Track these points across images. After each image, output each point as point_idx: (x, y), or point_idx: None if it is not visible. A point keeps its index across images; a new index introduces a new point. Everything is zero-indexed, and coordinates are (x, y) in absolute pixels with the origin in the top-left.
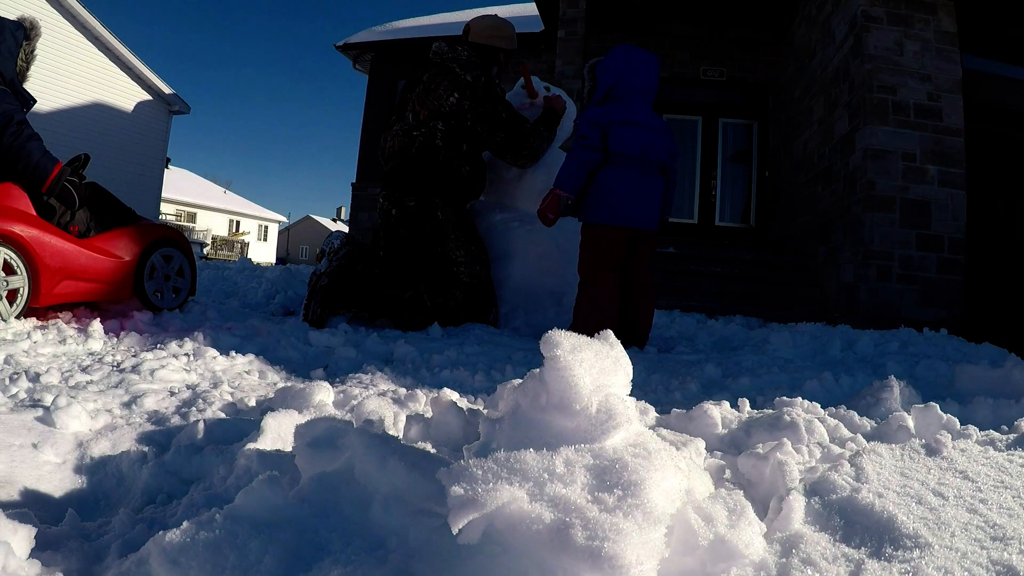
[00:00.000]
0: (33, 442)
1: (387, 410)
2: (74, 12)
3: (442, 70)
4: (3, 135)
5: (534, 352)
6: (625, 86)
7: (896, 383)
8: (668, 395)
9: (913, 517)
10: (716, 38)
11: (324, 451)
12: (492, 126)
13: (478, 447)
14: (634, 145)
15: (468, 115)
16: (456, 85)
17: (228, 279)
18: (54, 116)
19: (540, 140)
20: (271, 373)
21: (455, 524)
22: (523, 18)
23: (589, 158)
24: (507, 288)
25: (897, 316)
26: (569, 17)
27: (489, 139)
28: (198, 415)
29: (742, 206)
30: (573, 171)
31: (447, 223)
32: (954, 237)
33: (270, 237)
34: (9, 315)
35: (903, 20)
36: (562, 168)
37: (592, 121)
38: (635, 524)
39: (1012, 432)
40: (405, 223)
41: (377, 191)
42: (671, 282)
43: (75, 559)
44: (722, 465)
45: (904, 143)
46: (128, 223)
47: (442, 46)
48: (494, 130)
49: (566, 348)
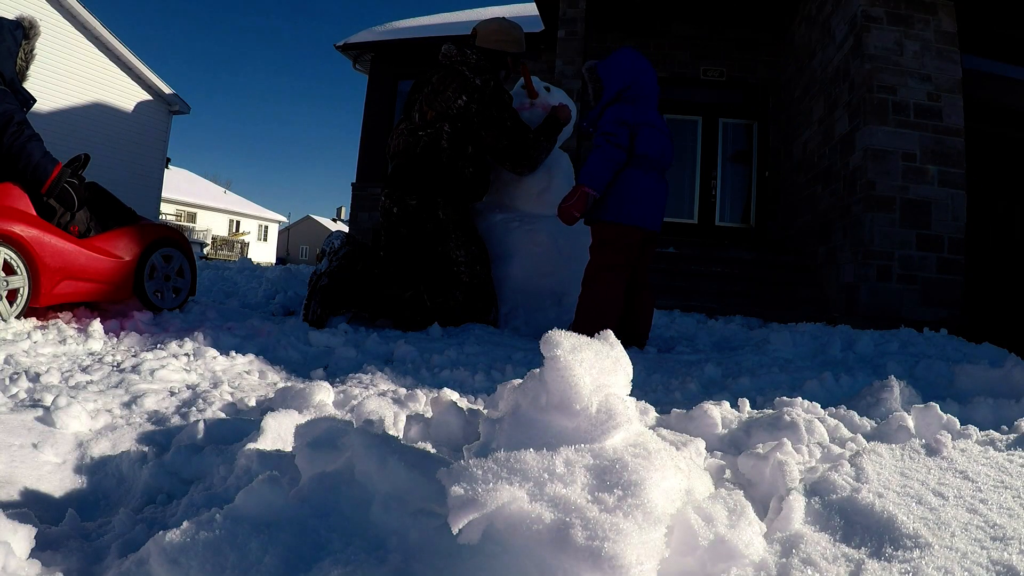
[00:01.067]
0: (33, 442)
1: (387, 410)
2: (74, 12)
3: (452, 72)
4: (3, 135)
5: (534, 352)
6: (639, 88)
7: (896, 383)
8: (668, 395)
9: (913, 517)
10: (716, 38)
11: (324, 451)
12: (497, 132)
13: (478, 447)
14: (655, 148)
15: (475, 118)
16: (465, 88)
17: (228, 279)
18: (54, 116)
19: (540, 152)
20: (271, 373)
21: (455, 524)
22: (523, 18)
23: (618, 157)
24: (507, 288)
25: (897, 316)
26: (569, 17)
27: (493, 144)
28: (198, 415)
29: (742, 206)
30: (602, 169)
31: (448, 223)
32: (954, 237)
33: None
34: (9, 315)
35: (903, 20)
36: (589, 165)
37: (621, 120)
38: (635, 524)
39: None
40: (406, 222)
41: (378, 191)
42: (671, 282)
43: (75, 559)
44: (722, 465)
45: (904, 143)
46: (128, 223)
47: (451, 48)
48: (499, 136)
49: (566, 348)
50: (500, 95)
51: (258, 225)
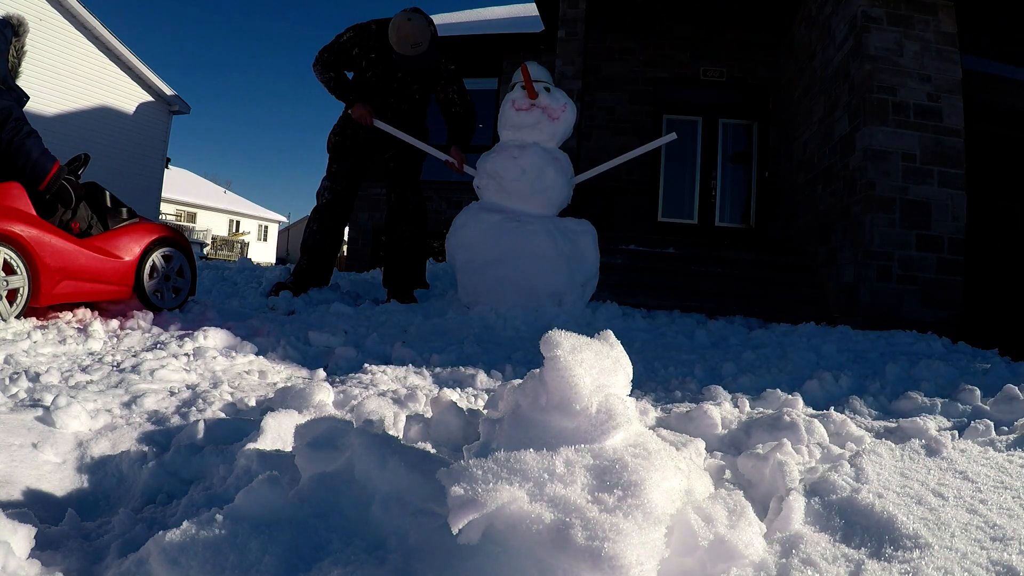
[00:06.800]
0: (33, 442)
1: (387, 410)
2: (74, 12)
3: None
4: (1, 131)
5: (534, 352)
6: None
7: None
8: (668, 395)
9: (913, 517)
10: (716, 38)
11: (324, 451)
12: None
13: (478, 447)
14: None
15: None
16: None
17: (228, 279)
18: (55, 116)
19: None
20: (271, 373)
21: (455, 524)
22: (523, 18)
23: None
24: (507, 288)
25: (897, 316)
26: (569, 17)
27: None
28: (198, 415)
29: (742, 206)
30: None
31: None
32: (954, 238)
33: (270, 237)
34: (9, 315)
35: (903, 21)
36: None
37: None
38: (635, 524)
39: (1012, 432)
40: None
41: (378, 191)
42: (671, 282)
43: (75, 559)
44: (722, 465)
45: (904, 143)
46: (128, 223)
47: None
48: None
49: (566, 348)
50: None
51: (258, 225)
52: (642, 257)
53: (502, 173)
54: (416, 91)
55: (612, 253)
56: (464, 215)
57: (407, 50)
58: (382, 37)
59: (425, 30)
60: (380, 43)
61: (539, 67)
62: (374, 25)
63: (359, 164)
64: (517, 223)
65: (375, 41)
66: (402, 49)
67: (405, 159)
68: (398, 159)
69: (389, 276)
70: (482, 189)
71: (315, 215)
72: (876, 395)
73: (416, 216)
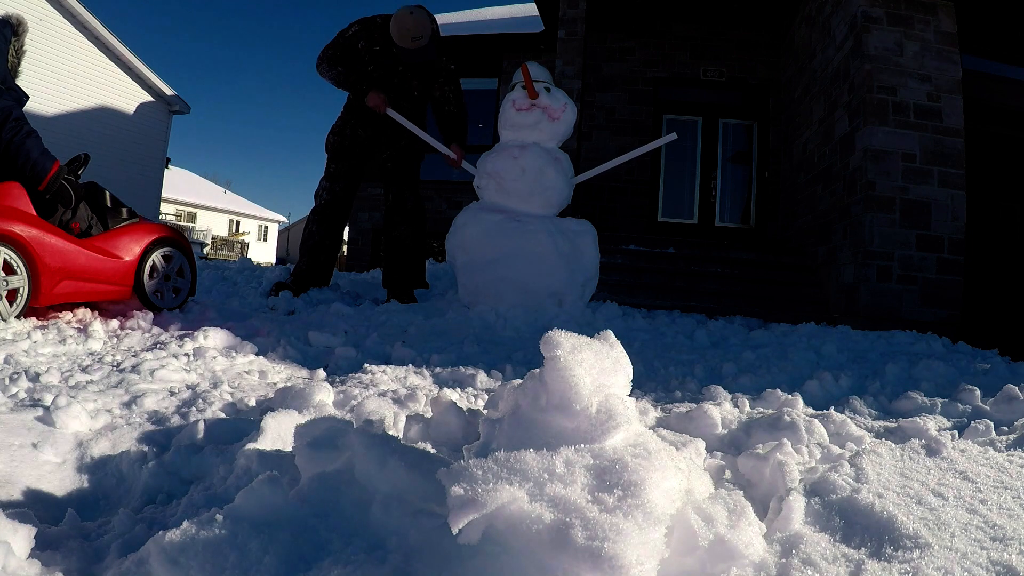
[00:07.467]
0: (33, 442)
1: (387, 410)
2: (74, 12)
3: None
4: (1, 131)
5: (534, 352)
6: None
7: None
8: (668, 395)
9: (913, 517)
10: (716, 38)
11: (324, 451)
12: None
13: (478, 447)
14: None
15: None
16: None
17: (228, 279)
18: (55, 116)
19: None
20: (271, 373)
21: (455, 524)
22: (523, 18)
23: None
24: (507, 288)
25: (897, 316)
26: (569, 17)
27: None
28: (198, 415)
29: (742, 206)
30: None
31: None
32: (954, 237)
33: (270, 237)
34: (9, 315)
35: (903, 20)
36: None
37: None
38: (635, 524)
39: (1012, 432)
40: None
41: (378, 191)
42: (671, 282)
43: (75, 559)
44: (722, 465)
45: (904, 143)
46: (128, 223)
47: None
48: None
49: (566, 348)
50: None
51: (258, 225)
52: (642, 257)
53: (502, 173)
54: (415, 87)
55: (612, 253)
56: (464, 215)
57: (407, 43)
58: (386, 31)
59: (426, 25)
60: (384, 37)
61: (539, 67)
62: (379, 19)
63: (358, 164)
64: (517, 223)
65: (379, 35)
66: (403, 42)
67: (402, 159)
68: (396, 159)
69: (389, 276)
70: (482, 189)
71: (314, 215)
72: (876, 395)
73: (414, 215)
